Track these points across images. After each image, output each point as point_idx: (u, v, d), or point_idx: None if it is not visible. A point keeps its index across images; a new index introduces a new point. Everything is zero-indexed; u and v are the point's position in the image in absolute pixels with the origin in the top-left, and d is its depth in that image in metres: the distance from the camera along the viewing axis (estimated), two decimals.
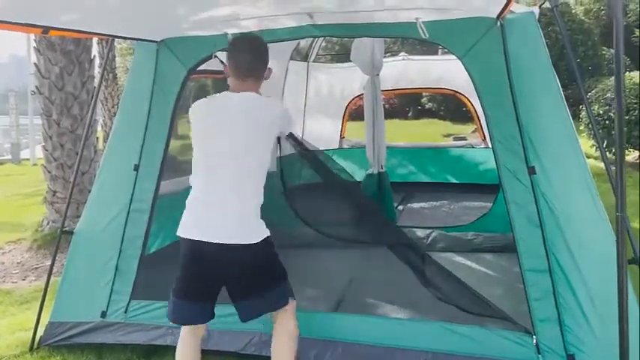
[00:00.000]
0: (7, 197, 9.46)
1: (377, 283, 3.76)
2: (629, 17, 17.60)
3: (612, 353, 2.03)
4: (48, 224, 5.96)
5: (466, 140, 8.68)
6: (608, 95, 9.27)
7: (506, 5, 2.47)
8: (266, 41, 3.21)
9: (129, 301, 3.15)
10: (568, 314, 2.52)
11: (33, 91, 9.81)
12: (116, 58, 15.43)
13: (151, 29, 3.20)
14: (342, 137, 7.62)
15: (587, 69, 15.21)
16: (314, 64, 7.19)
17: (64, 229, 3.50)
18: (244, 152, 2.30)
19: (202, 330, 2.49)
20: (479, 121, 7.25)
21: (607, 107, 9.02)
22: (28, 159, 14.98)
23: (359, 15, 2.91)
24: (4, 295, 4.44)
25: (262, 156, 2.34)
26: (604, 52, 16.39)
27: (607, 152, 3.02)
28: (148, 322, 3.04)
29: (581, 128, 9.52)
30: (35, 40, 6.01)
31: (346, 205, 3.54)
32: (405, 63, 7.19)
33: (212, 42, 3.20)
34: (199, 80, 5.40)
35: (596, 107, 9.21)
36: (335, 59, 13.01)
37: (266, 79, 2.49)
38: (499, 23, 2.71)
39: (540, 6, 4.38)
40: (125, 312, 3.14)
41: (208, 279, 2.32)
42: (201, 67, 3.32)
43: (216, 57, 3.37)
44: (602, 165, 3.80)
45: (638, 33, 16.37)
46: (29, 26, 2.59)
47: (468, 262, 4.17)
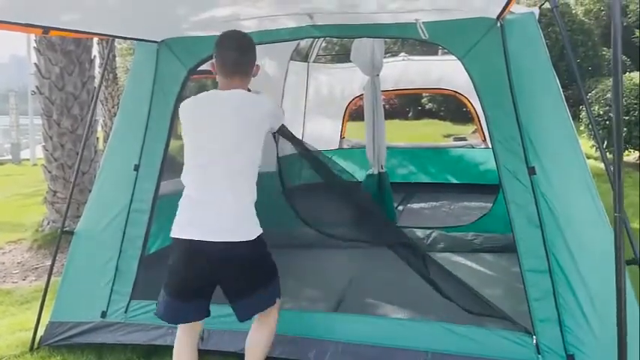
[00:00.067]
0: (8, 197, 9.47)
1: (377, 283, 3.76)
2: (629, 18, 17.60)
3: (612, 353, 2.02)
4: (48, 224, 5.96)
5: (466, 141, 8.69)
6: (608, 96, 9.27)
7: (506, 6, 2.47)
8: (266, 42, 3.24)
9: (129, 301, 3.15)
10: (568, 314, 2.52)
11: (33, 91, 9.81)
12: (116, 59, 15.42)
13: (152, 29, 3.20)
14: (342, 137, 7.61)
15: (587, 69, 15.21)
16: (314, 65, 7.19)
17: (65, 229, 3.50)
18: (235, 150, 2.29)
19: (198, 329, 2.49)
20: (479, 122, 7.25)
21: (607, 108, 9.01)
22: (28, 159, 14.98)
23: (359, 16, 2.92)
24: (5, 295, 4.44)
25: (253, 153, 2.34)
26: (604, 53, 16.39)
27: (607, 153, 3.02)
28: (148, 322, 3.04)
29: (581, 129, 9.52)
30: (35, 40, 6.00)
31: (347, 205, 3.54)
32: (405, 63, 7.20)
33: (212, 42, 3.14)
34: (200, 81, 5.41)
35: (596, 108, 9.21)
36: (335, 60, 13.00)
37: (254, 76, 2.48)
38: (499, 24, 2.71)
39: (540, 6, 4.39)
40: (125, 312, 3.14)
41: (204, 278, 2.31)
42: (201, 68, 3.32)
43: None
44: (602, 165, 3.80)
45: (638, 33, 16.38)
46: (30, 26, 2.60)
47: (468, 263, 4.17)
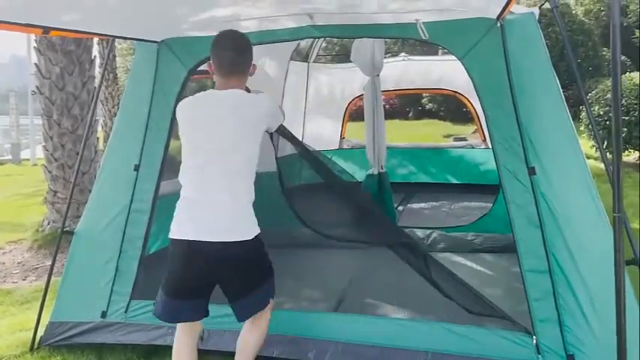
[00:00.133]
0: (8, 197, 9.47)
1: (377, 284, 3.76)
2: (629, 18, 17.60)
3: (612, 353, 2.03)
4: (48, 224, 5.97)
5: (466, 141, 8.69)
6: (608, 96, 9.26)
7: (506, 6, 2.47)
8: (266, 42, 3.24)
9: (129, 301, 3.15)
10: (568, 315, 2.52)
11: (33, 91, 9.80)
12: (116, 59, 15.42)
13: (152, 29, 3.20)
14: (343, 138, 7.61)
15: (587, 70, 15.21)
16: (314, 65, 7.19)
17: (65, 229, 3.51)
18: (232, 149, 2.29)
19: (198, 328, 2.49)
20: (479, 122, 7.25)
21: (607, 108, 9.01)
22: (29, 159, 14.98)
23: (359, 16, 2.92)
24: (5, 295, 4.44)
25: (250, 153, 2.34)
26: (604, 53, 16.39)
27: (607, 153, 3.02)
28: (148, 322, 3.04)
29: (581, 129, 9.52)
30: (36, 41, 6.00)
31: (347, 206, 3.54)
32: (406, 63, 7.20)
33: None
34: (200, 81, 5.40)
35: (596, 108, 9.20)
36: (335, 60, 13.02)
37: (251, 76, 2.49)
38: (499, 24, 2.72)
39: (540, 7, 4.39)
40: (125, 312, 3.15)
41: (202, 278, 2.32)
42: (201, 68, 3.32)
43: None
44: (602, 166, 3.80)
45: (638, 34, 16.38)
46: (30, 26, 2.60)
47: (468, 263, 4.17)
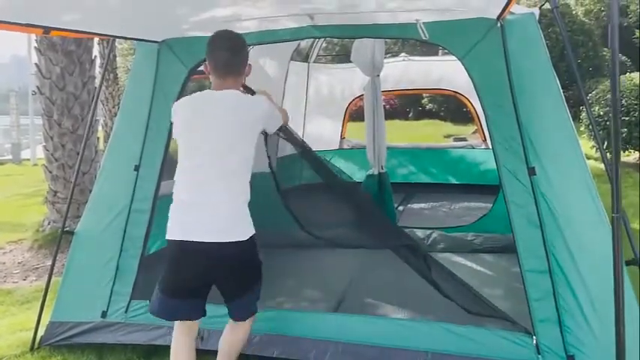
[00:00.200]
0: (8, 197, 9.47)
1: (377, 284, 3.75)
2: (629, 18, 17.59)
3: (612, 354, 2.03)
4: (49, 224, 5.97)
5: (466, 141, 8.69)
6: (608, 96, 9.24)
7: (506, 6, 2.47)
8: (267, 42, 3.24)
9: (129, 301, 3.15)
10: (568, 315, 2.52)
11: (34, 91, 9.82)
12: (117, 59, 15.44)
13: (152, 30, 3.20)
14: (343, 138, 7.62)
15: (587, 70, 15.20)
16: (314, 65, 7.20)
17: (65, 229, 3.50)
18: (229, 150, 2.30)
19: (195, 328, 2.50)
20: (479, 122, 7.25)
21: (607, 108, 9.00)
22: (29, 159, 14.97)
23: (359, 16, 2.92)
24: (5, 295, 4.44)
25: (247, 153, 2.35)
26: (604, 54, 16.36)
27: (607, 153, 3.02)
28: (149, 322, 3.04)
29: (581, 129, 9.52)
30: (36, 41, 6.00)
31: (346, 206, 3.54)
32: (406, 64, 7.20)
33: None
34: (200, 81, 5.41)
35: (596, 108, 9.20)
36: (335, 60, 13.04)
37: (247, 76, 2.50)
38: (499, 24, 2.72)
39: (541, 7, 4.40)
40: (125, 312, 3.15)
41: (199, 278, 2.33)
42: (201, 68, 3.32)
43: None
44: (602, 166, 3.80)
45: (638, 34, 16.38)
46: (30, 26, 2.60)
47: (468, 263, 4.16)
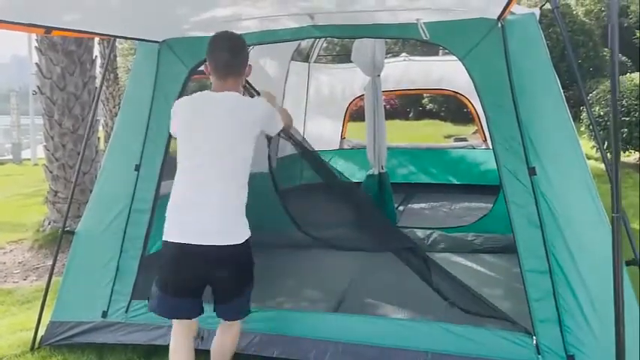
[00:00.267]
0: (8, 197, 9.47)
1: (377, 284, 3.75)
2: (630, 18, 17.59)
3: (612, 354, 2.03)
4: (49, 224, 5.97)
5: (467, 141, 8.69)
6: (609, 97, 9.20)
7: (506, 6, 2.47)
8: (267, 42, 3.24)
9: (129, 301, 3.16)
10: (568, 315, 2.52)
11: (34, 91, 9.83)
12: (117, 59, 15.45)
13: (153, 29, 3.20)
14: (343, 138, 7.62)
15: (588, 70, 15.19)
16: (315, 65, 7.20)
17: (66, 229, 3.50)
18: (228, 151, 2.31)
19: (194, 327, 2.51)
20: (479, 122, 7.26)
21: (608, 109, 8.99)
22: (29, 159, 14.98)
23: (360, 16, 2.92)
24: (6, 295, 4.45)
25: (246, 155, 2.36)
26: (605, 54, 16.34)
27: (607, 153, 3.02)
28: (149, 322, 3.04)
29: (581, 129, 9.51)
30: (37, 40, 6.00)
31: (346, 207, 3.54)
32: (406, 64, 7.21)
33: None
34: (200, 81, 5.41)
35: (597, 108, 9.20)
36: (336, 60, 13.02)
37: (247, 76, 2.52)
38: (500, 24, 2.72)
39: (541, 7, 4.40)
40: (126, 312, 3.15)
41: (200, 279, 2.34)
42: (201, 68, 3.33)
43: None
44: (602, 166, 3.80)
45: (638, 34, 16.37)
46: (32, 26, 2.60)
47: (469, 263, 4.16)
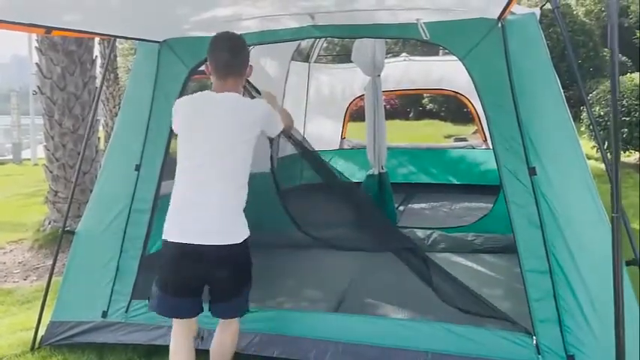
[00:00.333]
0: (9, 197, 9.47)
1: (377, 284, 3.75)
2: (630, 19, 17.58)
3: (612, 354, 2.03)
4: (49, 224, 5.97)
5: (467, 141, 8.69)
6: (609, 97, 9.22)
7: (506, 6, 2.47)
8: (267, 42, 3.24)
9: (130, 301, 3.16)
10: (568, 315, 2.52)
11: (34, 91, 9.82)
12: (118, 59, 15.45)
13: (153, 29, 3.21)
14: (343, 138, 7.62)
15: (588, 70, 15.19)
16: (315, 65, 7.21)
17: (66, 229, 3.50)
18: (229, 151, 2.32)
19: (194, 327, 2.51)
20: (480, 122, 7.26)
21: (608, 109, 8.99)
22: (30, 159, 14.99)
23: (360, 15, 2.92)
24: (6, 295, 4.45)
25: (245, 155, 2.36)
26: (605, 54, 16.33)
27: (607, 153, 3.02)
28: (149, 322, 3.04)
29: (582, 129, 9.51)
30: (37, 40, 6.01)
31: (346, 207, 3.54)
32: (407, 64, 7.21)
33: None
34: (200, 81, 5.41)
35: (597, 108, 9.20)
36: (336, 60, 13.02)
37: (247, 77, 2.52)
38: (500, 24, 2.72)
39: (541, 7, 4.39)
40: (126, 312, 3.15)
41: (200, 278, 2.35)
42: (202, 68, 3.33)
43: None
44: (602, 166, 3.80)
45: (638, 34, 16.37)
46: (32, 26, 2.61)
47: (469, 263, 4.16)
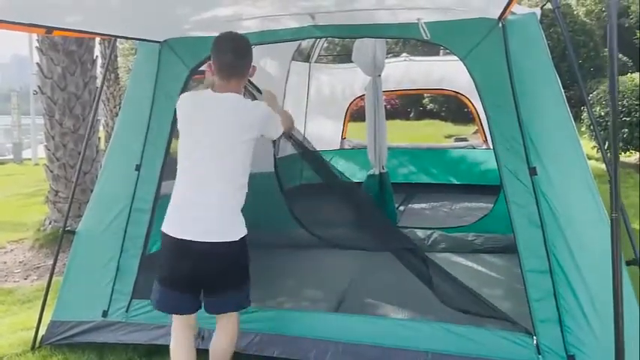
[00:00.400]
0: (9, 197, 9.47)
1: (377, 284, 3.76)
2: (630, 19, 17.56)
3: (612, 354, 2.03)
4: (50, 224, 5.97)
5: (467, 141, 8.69)
6: (609, 97, 9.23)
7: (507, 6, 2.47)
8: (268, 42, 3.24)
9: (130, 301, 3.16)
10: (568, 315, 2.52)
11: (35, 91, 9.83)
12: (118, 59, 15.46)
13: (153, 29, 3.21)
14: (344, 138, 7.62)
15: (588, 70, 15.18)
16: (316, 65, 7.20)
17: (66, 229, 3.51)
18: (229, 150, 2.34)
19: (193, 323, 2.52)
20: (480, 122, 7.26)
21: (608, 109, 8.98)
22: (30, 159, 15.01)
23: (360, 15, 2.92)
24: (6, 295, 4.45)
25: (245, 155, 2.38)
26: (605, 54, 16.35)
27: (608, 153, 3.02)
28: (149, 322, 3.05)
29: (582, 129, 9.51)
30: (38, 40, 6.01)
31: (347, 207, 3.54)
32: (407, 64, 7.21)
33: None
34: (201, 80, 5.41)
35: (597, 109, 9.19)
36: (337, 60, 13.02)
37: (250, 77, 2.54)
38: (501, 24, 2.71)
39: (542, 7, 4.39)
40: (126, 311, 3.15)
41: (197, 273, 2.36)
42: (202, 67, 3.32)
43: None
44: (603, 166, 3.80)
45: (639, 34, 16.36)
46: (33, 26, 2.61)
47: (469, 263, 4.16)
